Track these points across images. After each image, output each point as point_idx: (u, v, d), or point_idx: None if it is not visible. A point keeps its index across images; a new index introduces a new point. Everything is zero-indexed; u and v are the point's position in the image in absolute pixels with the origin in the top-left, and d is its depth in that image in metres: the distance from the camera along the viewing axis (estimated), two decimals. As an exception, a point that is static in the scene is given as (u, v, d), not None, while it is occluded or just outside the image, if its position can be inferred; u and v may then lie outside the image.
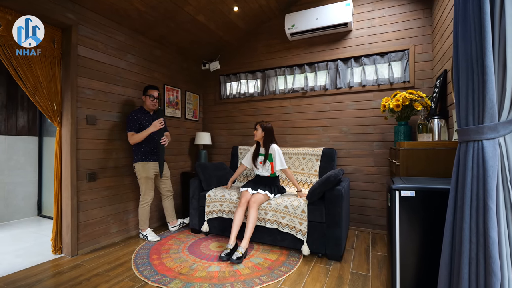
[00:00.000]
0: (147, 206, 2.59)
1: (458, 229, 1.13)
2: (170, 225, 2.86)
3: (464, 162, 1.12)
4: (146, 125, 2.52)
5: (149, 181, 2.57)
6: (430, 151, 1.82)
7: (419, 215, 1.42)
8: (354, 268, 2.04)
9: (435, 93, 2.32)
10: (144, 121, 2.52)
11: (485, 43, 1.02)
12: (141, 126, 2.49)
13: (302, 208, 2.24)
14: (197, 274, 1.91)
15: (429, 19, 2.64)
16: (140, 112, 2.54)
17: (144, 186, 2.56)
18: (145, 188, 2.56)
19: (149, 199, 2.59)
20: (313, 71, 3.15)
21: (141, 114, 2.53)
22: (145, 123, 2.52)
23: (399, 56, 2.76)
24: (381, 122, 2.81)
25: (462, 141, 1.15)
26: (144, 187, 2.56)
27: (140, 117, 2.50)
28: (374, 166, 2.84)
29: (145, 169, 2.54)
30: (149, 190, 2.58)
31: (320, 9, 2.89)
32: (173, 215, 2.85)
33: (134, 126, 2.46)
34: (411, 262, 1.44)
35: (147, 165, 2.55)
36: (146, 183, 2.55)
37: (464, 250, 1.08)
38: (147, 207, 2.59)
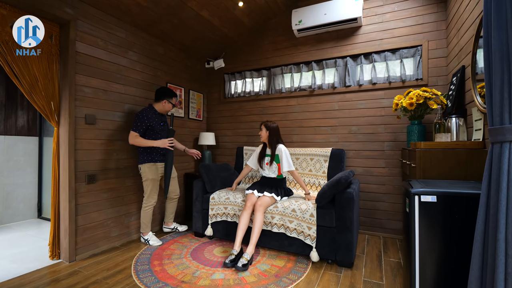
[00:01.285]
0: (150, 209, 2.50)
1: (491, 240, 1.01)
2: (164, 225, 2.82)
3: (498, 165, 1.01)
4: (155, 126, 2.42)
5: (155, 183, 2.48)
6: (449, 152, 1.70)
7: (440, 223, 1.30)
8: (366, 276, 1.92)
9: (451, 90, 2.20)
10: (153, 123, 2.41)
11: (525, 31, 0.90)
12: (149, 128, 2.39)
13: (310, 212, 2.12)
14: (200, 282, 1.81)
15: (443, 13, 2.51)
16: (150, 112, 2.42)
17: (150, 188, 2.46)
18: (150, 190, 2.46)
19: (153, 202, 2.50)
20: (321, 69, 3.03)
21: (151, 115, 2.41)
22: (155, 125, 2.42)
23: (411, 52, 2.63)
24: (392, 122, 2.68)
25: (495, 141, 1.03)
26: (149, 189, 2.46)
27: (150, 117, 2.39)
28: (385, 168, 2.71)
29: (152, 170, 2.44)
30: (153, 193, 2.49)
31: (329, 4, 2.77)
32: (171, 217, 2.80)
33: (140, 127, 2.33)
34: (431, 273, 1.32)
35: (154, 167, 2.46)
36: (152, 185, 2.46)
37: (499, 265, 0.96)
38: (150, 210, 2.50)
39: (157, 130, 2.44)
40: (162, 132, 2.51)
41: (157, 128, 2.44)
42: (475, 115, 1.82)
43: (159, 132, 2.46)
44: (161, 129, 2.49)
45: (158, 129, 2.45)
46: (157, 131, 2.44)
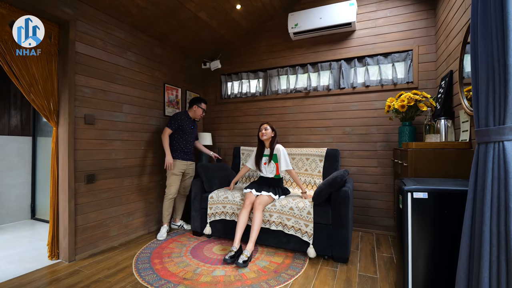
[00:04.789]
0: (167, 200, 2.73)
1: (478, 232, 1.10)
2: (173, 221, 2.97)
3: (484, 164, 1.10)
4: (185, 128, 2.77)
5: (173, 177, 2.72)
6: (438, 152, 1.81)
7: (431, 217, 1.40)
8: (361, 270, 2.01)
9: (440, 93, 2.31)
10: (184, 125, 2.77)
11: (507, 42, 0.99)
12: (180, 128, 2.75)
13: (308, 209, 2.20)
14: (202, 279, 1.85)
15: (433, 20, 2.64)
16: (184, 116, 2.80)
17: (168, 181, 2.73)
18: (168, 182, 2.73)
19: (170, 194, 2.72)
20: (316, 71, 3.12)
21: (185, 117, 2.80)
22: (185, 127, 2.77)
23: (402, 56, 2.75)
24: (384, 123, 2.79)
25: (481, 142, 1.12)
26: (168, 181, 2.73)
27: (183, 119, 2.77)
28: (377, 167, 2.82)
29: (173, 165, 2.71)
30: (170, 185, 2.73)
31: (324, 9, 2.86)
32: (179, 213, 2.98)
33: (173, 125, 2.72)
34: (423, 265, 1.41)
35: (175, 163, 2.72)
36: (169, 178, 2.73)
37: (485, 253, 1.05)
38: (167, 202, 2.73)
39: (186, 131, 2.80)
40: (191, 134, 2.84)
41: (187, 129, 2.79)
42: (462, 117, 1.93)
43: (187, 133, 2.81)
44: (190, 131, 2.83)
45: (187, 131, 2.80)
46: (186, 132, 2.80)
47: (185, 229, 2.92)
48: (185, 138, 2.79)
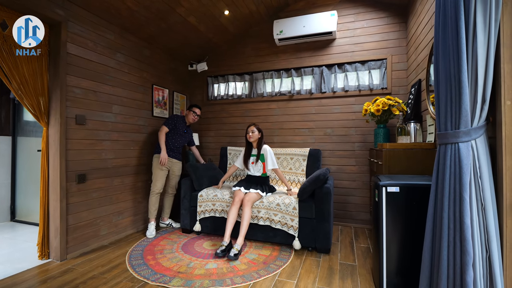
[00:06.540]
0: (153, 196, 2.81)
1: (439, 218, 1.32)
2: (160, 220, 3.05)
3: (443, 162, 1.32)
4: (179, 129, 2.94)
5: (159, 171, 2.81)
6: (409, 152, 2.05)
7: (402, 208, 1.61)
8: (342, 259, 2.21)
9: (410, 99, 2.58)
10: (179, 126, 2.94)
11: (461, 62, 1.21)
12: (174, 128, 2.90)
13: (293, 205, 2.37)
14: (195, 271, 1.96)
15: (404, 32, 2.92)
16: (180, 118, 2.98)
17: (154, 176, 2.82)
18: (154, 177, 2.82)
19: (155, 188, 2.81)
20: (300, 76, 3.31)
21: (181, 120, 2.98)
22: (179, 128, 2.94)
23: (378, 64, 3.01)
24: (362, 125, 3.04)
25: (441, 143, 1.34)
26: (154, 176, 2.82)
27: (178, 121, 2.93)
28: (355, 166, 3.06)
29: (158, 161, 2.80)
30: (156, 180, 2.81)
31: (307, 18, 3.06)
32: (167, 212, 3.05)
33: (169, 124, 2.87)
34: (395, 249, 1.62)
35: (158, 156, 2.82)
36: (155, 173, 2.82)
37: (444, 235, 1.26)
38: (153, 197, 2.81)
39: (178, 133, 2.95)
40: (182, 137, 2.98)
41: (179, 131, 2.95)
42: (429, 121, 2.20)
43: (179, 135, 2.95)
44: (182, 134, 2.98)
45: (179, 133, 2.96)
46: (178, 133, 2.94)
47: (174, 227, 2.99)
48: (175, 138, 2.92)
